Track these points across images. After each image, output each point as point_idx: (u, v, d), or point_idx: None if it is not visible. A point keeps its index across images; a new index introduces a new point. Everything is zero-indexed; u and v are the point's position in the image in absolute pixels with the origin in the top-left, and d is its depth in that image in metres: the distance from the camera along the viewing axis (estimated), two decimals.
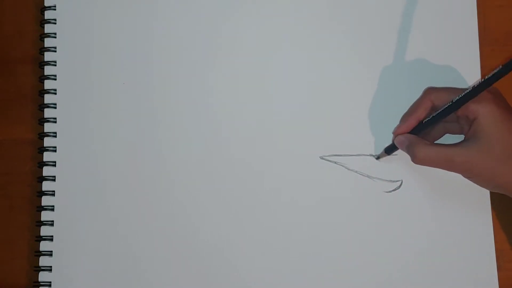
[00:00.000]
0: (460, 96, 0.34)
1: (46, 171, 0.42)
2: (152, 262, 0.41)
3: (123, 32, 0.43)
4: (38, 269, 0.41)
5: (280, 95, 0.42)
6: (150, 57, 0.43)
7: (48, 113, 0.42)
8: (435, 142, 0.39)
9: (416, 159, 0.36)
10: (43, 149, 0.42)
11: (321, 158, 0.41)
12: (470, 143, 0.35)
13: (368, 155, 0.41)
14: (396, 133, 0.38)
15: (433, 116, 0.36)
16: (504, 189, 0.36)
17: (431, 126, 0.37)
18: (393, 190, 0.41)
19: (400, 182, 0.40)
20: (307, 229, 0.41)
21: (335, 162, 0.41)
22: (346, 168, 0.40)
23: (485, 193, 0.41)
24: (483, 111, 0.34)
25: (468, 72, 0.42)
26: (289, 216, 0.41)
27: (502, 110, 0.34)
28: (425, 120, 0.37)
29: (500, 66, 0.33)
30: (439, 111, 0.36)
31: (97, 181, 0.42)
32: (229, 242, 0.41)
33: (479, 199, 0.40)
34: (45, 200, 0.42)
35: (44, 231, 0.41)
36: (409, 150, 0.37)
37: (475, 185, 0.36)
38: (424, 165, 0.36)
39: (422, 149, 0.36)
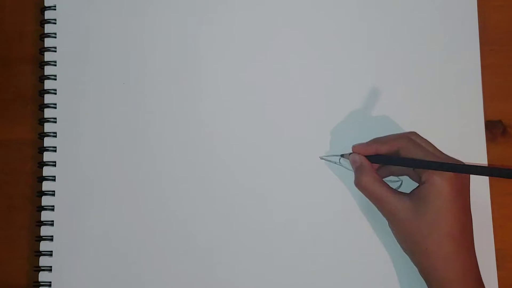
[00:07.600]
0: (426, 162, 0.35)
1: (46, 171, 0.42)
2: (151, 262, 0.41)
3: (123, 32, 0.43)
4: (38, 269, 0.41)
5: (280, 95, 0.42)
6: (150, 57, 0.43)
7: (48, 113, 0.42)
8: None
9: (357, 183, 0.37)
10: (43, 149, 0.42)
11: (321, 158, 0.41)
12: (407, 200, 0.35)
13: None
14: (354, 150, 0.38)
15: (390, 159, 0.37)
16: (416, 258, 0.36)
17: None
18: None
19: (400, 182, 0.40)
20: (306, 229, 0.41)
21: (335, 162, 0.41)
22: (346, 168, 0.40)
23: (485, 193, 0.41)
24: (435, 181, 0.34)
25: (468, 72, 0.42)
26: (288, 216, 0.41)
27: (453, 188, 0.34)
28: (381, 157, 0.37)
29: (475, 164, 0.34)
30: (401, 159, 0.36)
31: (97, 181, 0.42)
32: (229, 242, 0.41)
33: (479, 199, 0.40)
34: (45, 200, 0.42)
35: (44, 231, 0.41)
36: (357, 172, 0.38)
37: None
38: (360, 191, 0.37)
39: (367, 178, 0.37)
